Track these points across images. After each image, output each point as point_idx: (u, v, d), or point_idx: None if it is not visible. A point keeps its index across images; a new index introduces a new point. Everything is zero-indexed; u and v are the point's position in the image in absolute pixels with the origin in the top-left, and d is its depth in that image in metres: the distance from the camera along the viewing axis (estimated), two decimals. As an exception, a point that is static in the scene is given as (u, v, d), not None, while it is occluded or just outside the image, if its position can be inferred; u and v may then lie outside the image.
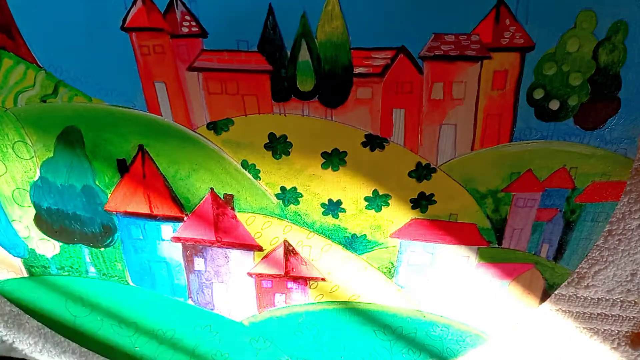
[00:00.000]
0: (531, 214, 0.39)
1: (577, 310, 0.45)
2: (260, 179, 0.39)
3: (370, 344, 0.47)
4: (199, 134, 0.38)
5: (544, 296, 0.43)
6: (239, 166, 0.39)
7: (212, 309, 0.46)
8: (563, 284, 0.42)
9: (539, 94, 0.34)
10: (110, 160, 0.40)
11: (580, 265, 0.42)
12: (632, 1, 0.31)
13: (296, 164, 0.38)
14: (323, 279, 0.43)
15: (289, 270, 0.43)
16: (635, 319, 0.45)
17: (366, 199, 0.39)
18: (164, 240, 0.43)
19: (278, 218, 0.41)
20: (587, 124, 0.35)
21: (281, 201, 0.40)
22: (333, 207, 0.40)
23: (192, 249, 0.43)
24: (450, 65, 0.33)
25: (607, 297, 0.44)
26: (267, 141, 0.38)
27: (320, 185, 0.39)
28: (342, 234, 0.41)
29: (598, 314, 0.45)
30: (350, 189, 0.39)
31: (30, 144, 0.40)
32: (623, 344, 0.46)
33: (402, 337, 0.46)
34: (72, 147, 0.39)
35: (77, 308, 0.48)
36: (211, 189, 0.40)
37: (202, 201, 0.41)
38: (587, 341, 0.47)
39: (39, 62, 0.36)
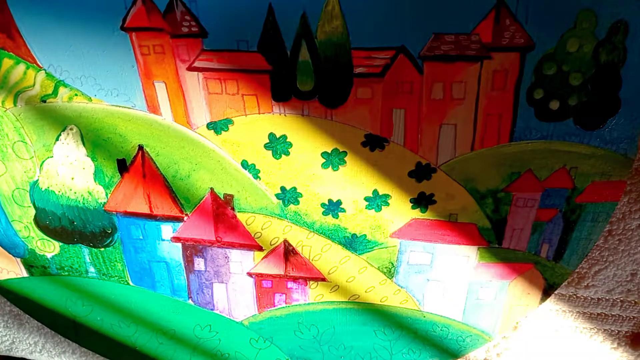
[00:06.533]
0: (531, 214, 0.39)
1: (577, 310, 0.45)
2: (260, 179, 0.39)
3: (370, 344, 0.47)
4: (198, 134, 0.38)
5: (544, 296, 0.43)
6: (239, 166, 0.39)
7: (212, 309, 0.46)
8: (563, 284, 0.42)
9: (539, 94, 0.34)
10: (110, 160, 0.40)
11: (580, 265, 0.42)
12: (632, 1, 0.31)
13: (296, 164, 0.38)
14: (323, 279, 0.43)
15: (289, 270, 0.43)
16: (635, 319, 0.45)
17: (366, 199, 0.39)
18: (164, 240, 0.43)
19: (278, 218, 0.41)
20: (587, 124, 0.35)
21: (281, 201, 0.40)
22: (333, 207, 0.40)
23: (192, 249, 0.43)
24: (450, 65, 0.33)
25: (607, 297, 0.44)
26: (267, 141, 0.38)
27: (320, 185, 0.39)
28: (342, 234, 0.41)
29: (598, 314, 0.45)
30: (350, 189, 0.39)
31: (30, 144, 0.40)
32: (623, 344, 0.46)
33: (402, 337, 0.46)
34: (71, 147, 0.39)
35: (77, 308, 0.48)
36: (211, 189, 0.40)
37: (202, 201, 0.41)
38: (587, 341, 0.47)
39: (39, 62, 0.36)
